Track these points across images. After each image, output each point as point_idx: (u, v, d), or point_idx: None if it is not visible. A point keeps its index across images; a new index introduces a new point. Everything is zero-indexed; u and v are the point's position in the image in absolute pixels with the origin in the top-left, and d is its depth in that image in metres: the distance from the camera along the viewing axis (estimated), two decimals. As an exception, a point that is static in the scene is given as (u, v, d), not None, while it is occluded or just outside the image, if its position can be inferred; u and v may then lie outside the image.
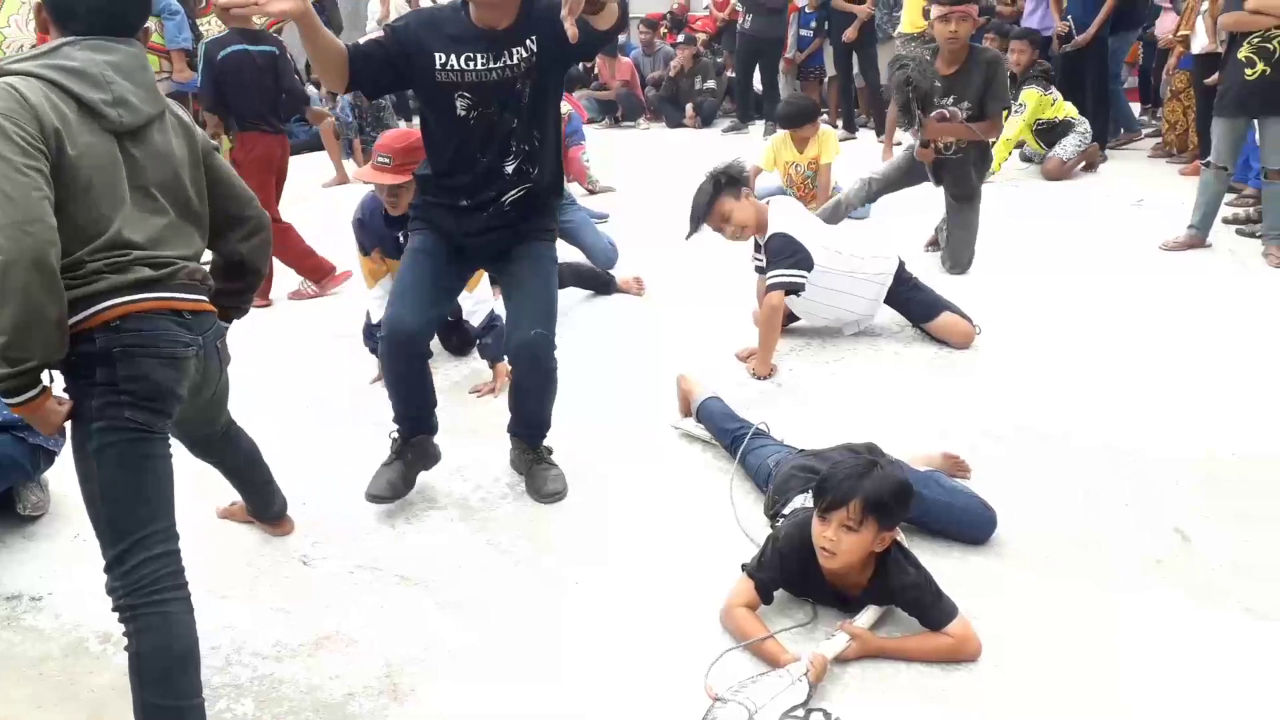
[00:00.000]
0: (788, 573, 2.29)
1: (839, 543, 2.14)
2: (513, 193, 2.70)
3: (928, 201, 5.10)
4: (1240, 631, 2.24)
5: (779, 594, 2.37)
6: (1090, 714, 2.02)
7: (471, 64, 2.49)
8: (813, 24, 9.33)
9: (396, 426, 2.86)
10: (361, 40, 2.58)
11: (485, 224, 2.74)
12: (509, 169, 2.66)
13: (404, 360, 2.75)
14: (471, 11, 2.48)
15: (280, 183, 5.05)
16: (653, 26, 10.87)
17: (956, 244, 4.87)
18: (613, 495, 2.96)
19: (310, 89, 10.37)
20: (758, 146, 6.79)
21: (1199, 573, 2.47)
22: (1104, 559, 2.54)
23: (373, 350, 3.81)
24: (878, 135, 8.70)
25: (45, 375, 1.82)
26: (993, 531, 2.60)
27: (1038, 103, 6.83)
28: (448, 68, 2.49)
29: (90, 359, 1.81)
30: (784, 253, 3.76)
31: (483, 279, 3.68)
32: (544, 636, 2.33)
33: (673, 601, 2.43)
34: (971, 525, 2.59)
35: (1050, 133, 6.93)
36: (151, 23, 5.83)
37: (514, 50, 2.50)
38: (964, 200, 4.82)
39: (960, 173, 4.76)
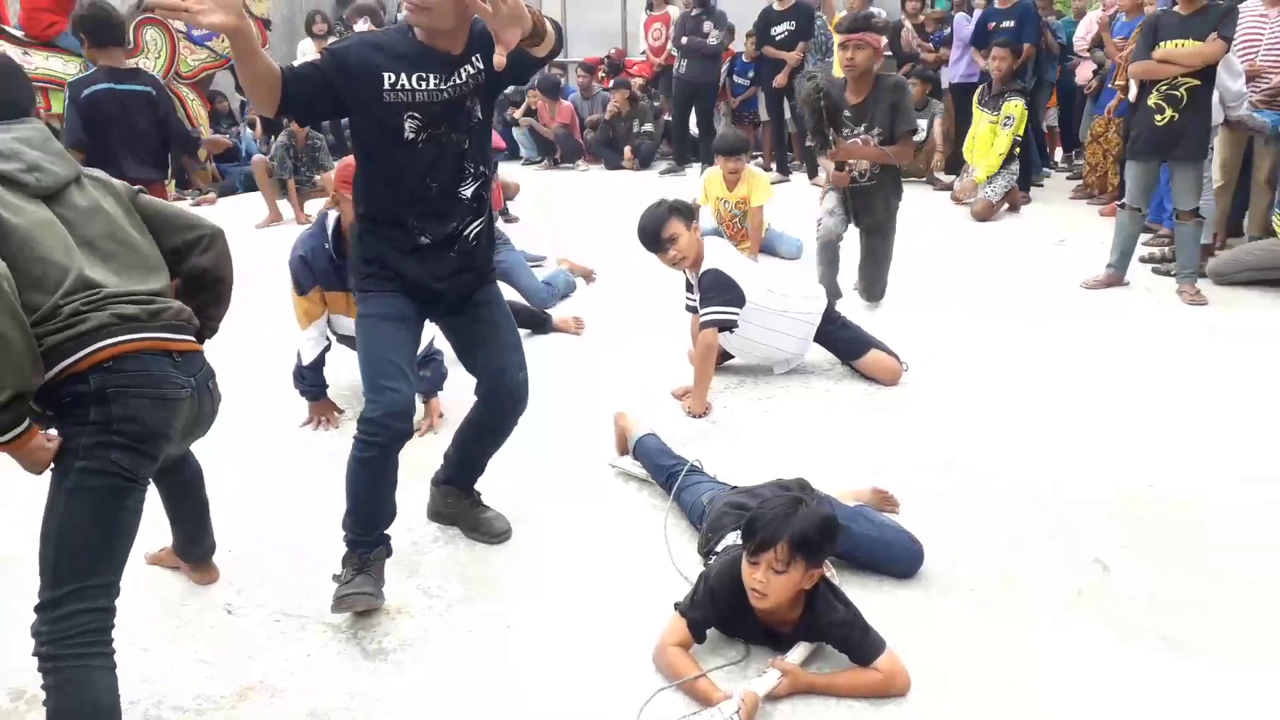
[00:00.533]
0: (719, 610, 2.29)
1: (768, 584, 2.16)
2: (474, 224, 2.57)
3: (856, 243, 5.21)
4: (1158, 663, 2.30)
5: (711, 632, 2.37)
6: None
7: (424, 84, 2.38)
8: (750, 73, 9.54)
9: (355, 540, 2.53)
10: (295, 63, 2.44)
11: (456, 265, 2.58)
12: (466, 194, 2.53)
13: (393, 450, 2.49)
14: (419, 34, 2.40)
15: None
16: (590, 71, 10.99)
17: (869, 276, 4.94)
18: (547, 535, 2.94)
19: (245, 129, 10.33)
20: (695, 188, 6.89)
21: (1118, 605, 2.53)
22: (1028, 592, 2.59)
23: (302, 393, 3.77)
24: (809, 178, 8.90)
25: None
26: (919, 565, 2.64)
27: (1023, 114, 7.11)
28: (398, 87, 2.36)
29: (84, 399, 1.80)
30: (716, 289, 3.83)
31: None
32: (475, 681, 2.30)
33: (608, 642, 2.42)
34: (899, 559, 2.63)
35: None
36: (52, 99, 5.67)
37: (463, 69, 2.42)
38: (875, 233, 4.86)
39: (872, 203, 4.78)
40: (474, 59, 2.42)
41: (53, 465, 1.88)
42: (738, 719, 2.04)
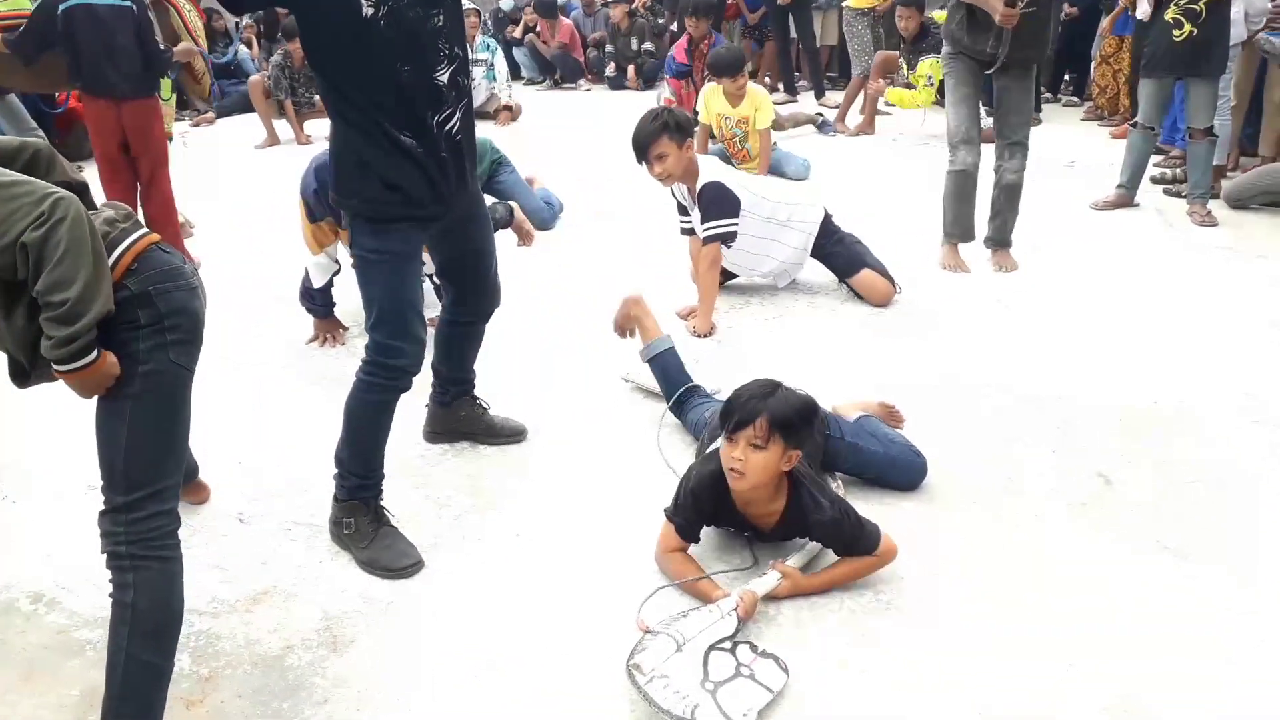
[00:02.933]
0: (701, 511, 2.31)
1: (746, 461, 2.16)
2: (455, 114, 2.30)
3: (868, 158, 5.16)
4: (1160, 572, 2.33)
5: (718, 539, 2.41)
6: (1020, 653, 2.09)
7: None
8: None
9: (360, 484, 2.45)
10: None
11: (452, 171, 2.33)
12: (443, 78, 2.25)
13: (398, 396, 2.43)
14: None
15: (140, 155, 4.46)
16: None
17: (1019, 118, 4.28)
18: (552, 448, 2.97)
19: (242, 48, 10.13)
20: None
21: (1119, 516, 2.56)
22: (1031, 503, 2.62)
23: (310, 310, 3.76)
24: (816, 96, 8.75)
25: None
26: (923, 478, 2.66)
27: (940, 71, 6.93)
28: None
29: (127, 305, 1.75)
30: (716, 202, 3.80)
31: None
32: (485, 585, 2.34)
33: (613, 547, 2.46)
34: (904, 473, 2.66)
35: None
36: None
37: None
38: (1023, 67, 4.18)
39: (1039, 30, 4.13)
40: None
41: None
42: (734, 616, 2.08)
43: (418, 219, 2.36)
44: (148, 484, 1.79)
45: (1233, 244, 4.65)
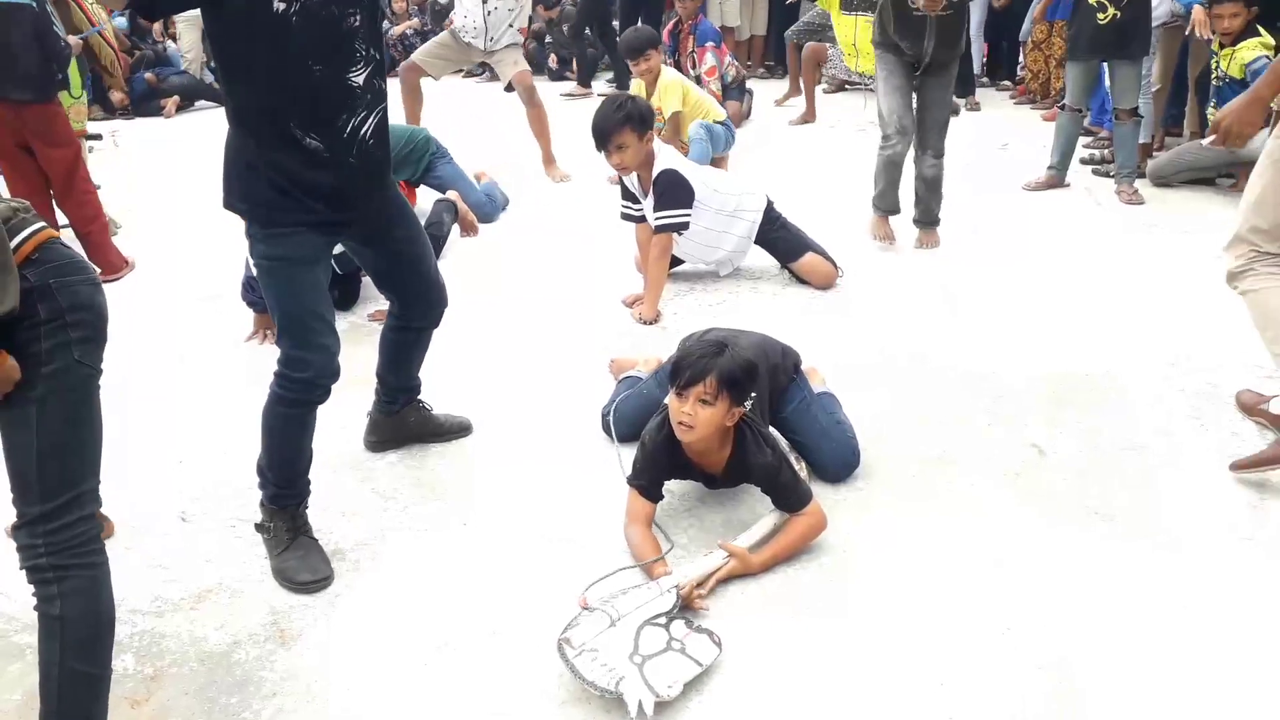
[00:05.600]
0: (659, 468, 2.42)
1: (696, 416, 2.26)
2: (370, 117, 2.23)
3: (807, 144, 5.22)
4: (1091, 542, 2.41)
5: (680, 511, 2.47)
6: (958, 618, 2.15)
7: None
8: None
9: (280, 494, 2.40)
10: None
11: (359, 176, 2.25)
12: (358, 80, 2.18)
13: (314, 408, 2.37)
14: None
15: (46, 159, 4.30)
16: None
17: (936, 120, 4.38)
18: (496, 440, 2.98)
19: (169, 43, 9.89)
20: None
21: (1053, 485, 2.64)
22: (964, 473, 2.70)
23: (250, 303, 3.72)
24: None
25: None
26: (848, 471, 2.68)
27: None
28: None
29: (27, 298, 1.64)
30: (671, 190, 3.84)
31: None
32: (432, 575, 2.35)
33: (559, 532, 2.48)
34: (834, 452, 2.67)
35: None
36: None
37: None
38: (941, 66, 4.28)
39: (950, 34, 4.20)
40: None
41: None
42: (674, 593, 2.12)
43: (315, 224, 2.26)
44: (63, 491, 1.72)
45: (1157, 220, 4.79)
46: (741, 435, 2.38)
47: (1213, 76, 5.14)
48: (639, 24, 7.06)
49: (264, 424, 2.37)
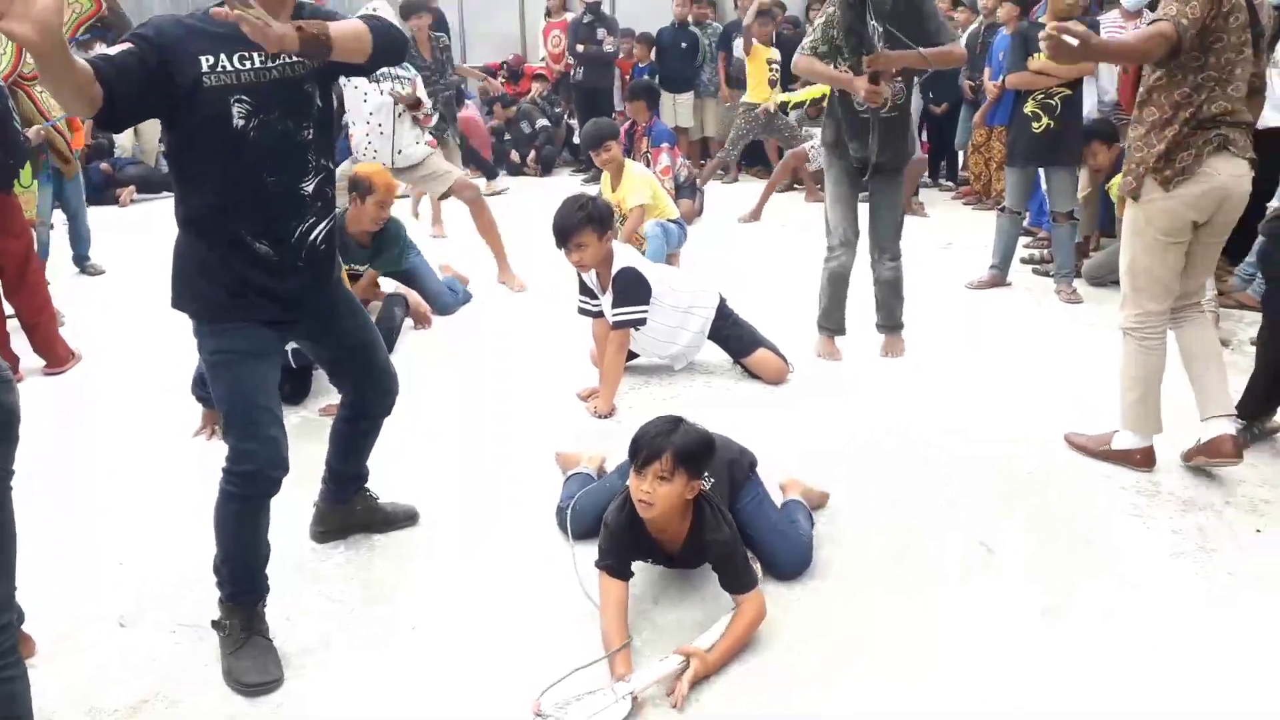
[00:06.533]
0: (623, 546, 2.44)
1: (654, 493, 2.31)
2: (319, 225, 2.34)
3: (757, 242, 5.32)
4: (1043, 636, 2.44)
5: (634, 614, 2.45)
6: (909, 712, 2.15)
7: (247, 63, 2.13)
8: (645, 76, 9.67)
9: (236, 592, 2.37)
10: (110, 51, 2.04)
11: (307, 279, 2.35)
12: (308, 189, 2.29)
13: (265, 502, 2.35)
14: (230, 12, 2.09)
15: (3, 256, 4.30)
16: (491, 75, 10.95)
17: (887, 225, 4.32)
18: (446, 538, 2.95)
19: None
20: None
21: (1003, 583, 2.67)
22: (916, 574, 2.71)
23: (200, 398, 3.67)
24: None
25: None
26: (796, 571, 2.68)
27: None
28: (218, 69, 2.10)
29: None
30: (630, 288, 3.91)
31: None
32: (378, 684, 2.30)
33: (511, 635, 2.45)
34: (787, 550, 2.68)
35: None
36: None
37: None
38: (891, 170, 4.24)
39: (892, 138, 4.16)
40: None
41: None
42: (628, 700, 2.10)
43: (264, 322, 2.32)
44: None
45: (1095, 319, 4.95)
46: (700, 510, 2.43)
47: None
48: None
49: (215, 521, 2.35)
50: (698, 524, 2.42)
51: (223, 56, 2.12)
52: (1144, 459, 3.26)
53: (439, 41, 7.04)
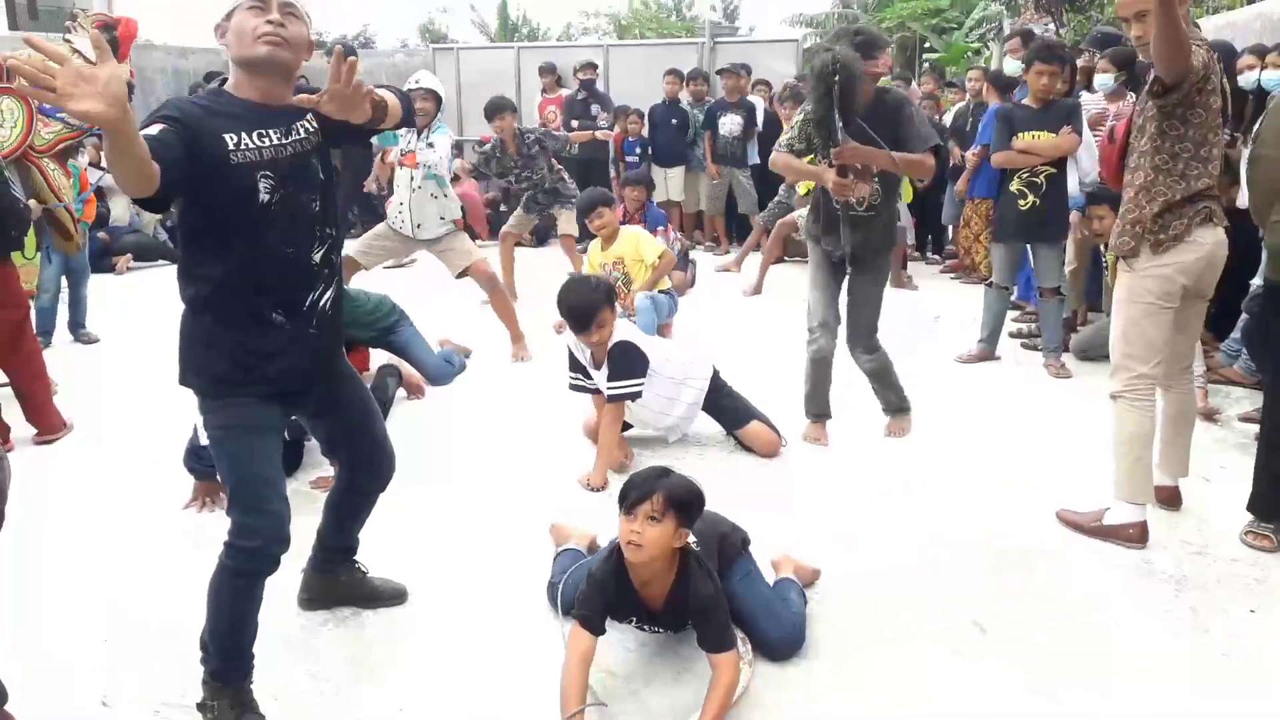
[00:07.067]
0: (604, 596, 2.46)
1: (643, 534, 2.35)
2: (328, 291, 2.40)
3: (739, 311, 5.36)
4: (1030, 712, 2.43)
5: (625, 695, 2.42)
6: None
7: (265, 140, 2.21)
8: (637, 150, 9.87)
9: (224, 668, 2.34)
10: (150, 131, 2.04)
11: (319, 344, 2.41)
12: (317, 257, 2.35)
13: (263, 579, 2.35)
14: (247, 89, 2.25)
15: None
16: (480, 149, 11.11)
17: (863, 319, 4.22)
18: (437, 615, 2.92)
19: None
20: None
21: (996, 662, 2.65)
22: (908, 654, 2.69)
23: (192, 470, 3.67)
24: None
25: None
26: (790, 651, 2.66)
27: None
28: (242, 146, 2.17)
29: None
30: (626, 362, 3.95)
31: None
32: (366, 766, 2.26)
33: (501, 716, 2.42)
34: (777, 626, 2.65)
35: None
36: None
37: (298, 125, 2.29)
38: (868, 265, 4.15)
39: (869, 238, 4.08)
40: (306, 116, 2.31)
41: None
42: None
43: (270, 396, 2.35)
44: None
45: (1084, 394, 4.98)
46: (686, 564, 2.46)
47: (1105, 267, 5.47)
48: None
49: (210, 595, 2.34)
50: (682, 576, 2.45)
51: (243, 134, 2.19)
52: (1138, 534, 3.28)
53: (526, 138, 7.20)
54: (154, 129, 2.04)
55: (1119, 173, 3.42)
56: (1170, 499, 3.54)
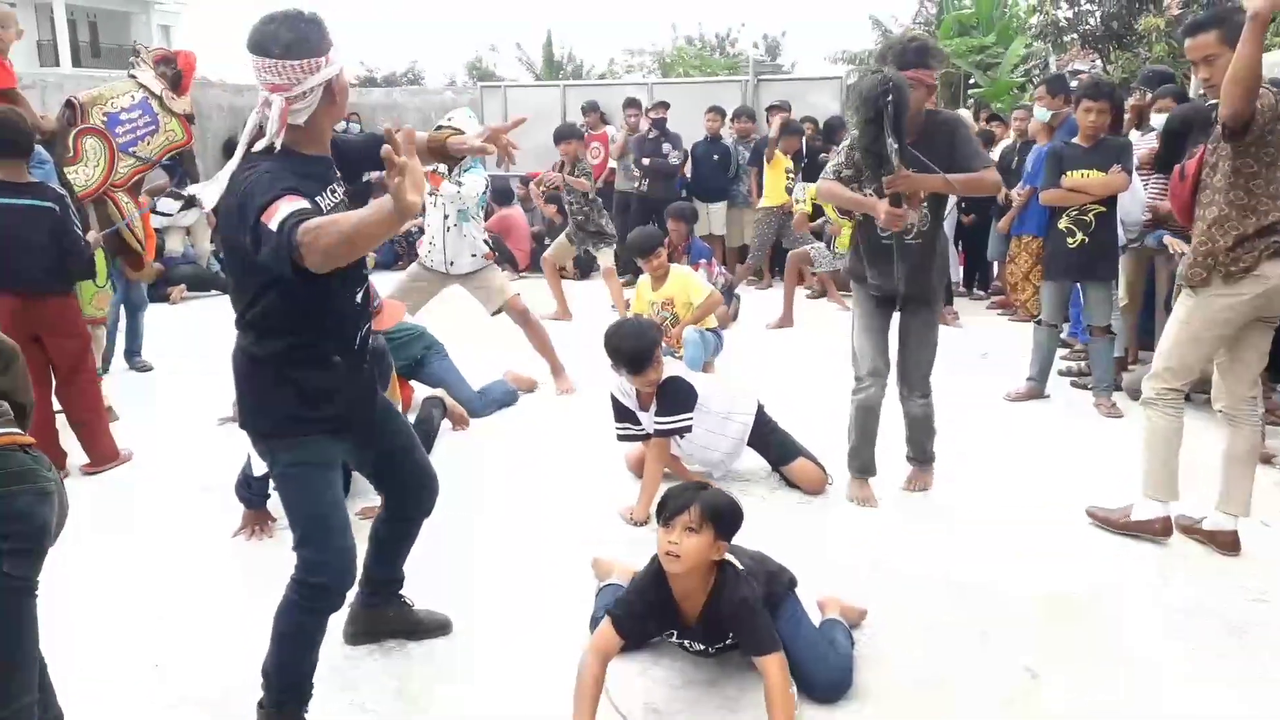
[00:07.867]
0: (643, 602, 2.51)
1: (681, 544, 2.41)
2: (367, 325, 2.53)
3: (779, 347, 5.34)
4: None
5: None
6: None
7: (335, 195, 2.34)
8: (681, 187, 9.95)
9: (284, 700, 2.41)
10: (304, 204, 2.09)
11: (365, 381, 2.51)
12: (360, 296, 2.47)
13: (328, 615, 2.42)
14: (301, 144, 2.28)
15: (54, 350, 4.38)
16: (526, 184, 11.24)
17: (917, 359, 4.03)
18: (481, 645, 2.93)
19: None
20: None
21: (1047, 709, 2.59)
22: (959, 700, 2.64)
23: (243, 499, 3.72)
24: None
25: None
26: (837, 694, 2.63)
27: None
28: (326, 204, 2.27)
29: None
30: (678, 396, 3.98)
31: None
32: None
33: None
34: (822, 670, 2.62)
35: None
36: None
37: (337, 175, 2.41)
38: (921, 304, 3.95)
39: (923, 265, 3.85)
40: (335, 167, 2.43)
41: None
42: None
43: (334, 430, 2.42)
44: (8, 703, 1.65)
45: (1135, 434, 4.87)
46: (723, 573, 2.50)
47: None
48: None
49: (276, 629, 2.39)
50: (719, 584, 2.49)
51: (324, 193, 2.29)
52: (1163, 529, 3.54)
53: (581, 166, 7.74)
54: (304, 204, 2.06)
55: (1190, 208, 3.53)
56: (1230, 544, 3.48)
